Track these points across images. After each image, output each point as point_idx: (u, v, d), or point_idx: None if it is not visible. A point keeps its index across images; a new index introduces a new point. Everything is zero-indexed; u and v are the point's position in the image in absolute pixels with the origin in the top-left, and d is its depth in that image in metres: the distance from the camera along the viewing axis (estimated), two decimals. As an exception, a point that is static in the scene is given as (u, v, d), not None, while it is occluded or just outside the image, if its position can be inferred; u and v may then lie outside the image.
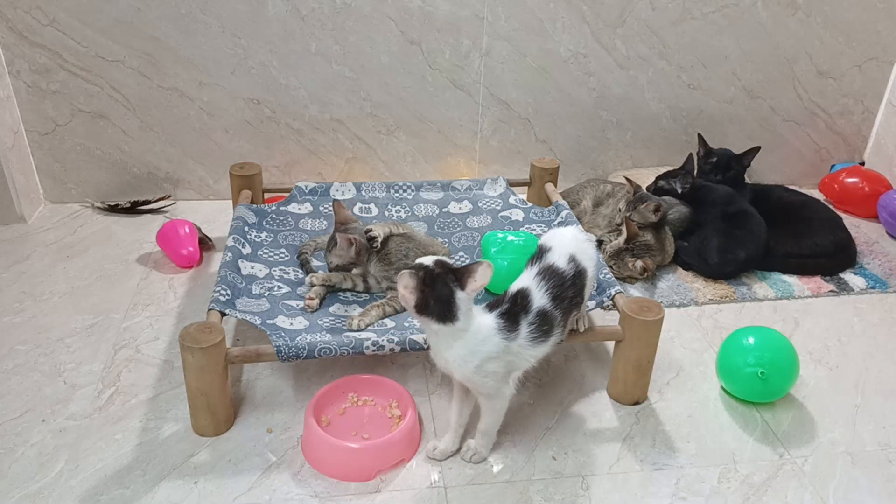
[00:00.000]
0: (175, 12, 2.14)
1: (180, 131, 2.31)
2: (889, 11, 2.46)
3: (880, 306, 2.00)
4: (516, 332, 1.32)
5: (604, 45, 2.37)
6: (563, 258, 1.39)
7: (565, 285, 1.37)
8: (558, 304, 1.36)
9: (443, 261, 1.28)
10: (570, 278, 1.38)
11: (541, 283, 1.36)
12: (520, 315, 1.33)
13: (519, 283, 1.38)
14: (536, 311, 1.34)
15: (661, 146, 2.57)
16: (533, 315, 1.33)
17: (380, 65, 2.30)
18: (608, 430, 1.52)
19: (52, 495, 1.32)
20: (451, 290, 1.25)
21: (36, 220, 2.26)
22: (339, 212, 1.79)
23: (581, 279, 1.41)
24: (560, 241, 1.42)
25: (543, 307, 1.35)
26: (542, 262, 1.39)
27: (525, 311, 1.33)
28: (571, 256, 1.40)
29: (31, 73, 2.15)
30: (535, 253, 1.42)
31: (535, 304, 1.34)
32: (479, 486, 1.38)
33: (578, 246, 1.42)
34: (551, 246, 1.41)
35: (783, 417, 1.58)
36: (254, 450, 1.43)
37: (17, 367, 1.63)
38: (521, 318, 1.33)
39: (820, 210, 2.21)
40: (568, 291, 1.38)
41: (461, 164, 2.50)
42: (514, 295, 1.35)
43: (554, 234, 1.45)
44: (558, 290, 1.36)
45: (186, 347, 1.35)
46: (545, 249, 1.41)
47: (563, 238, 1.43)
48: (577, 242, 1.43)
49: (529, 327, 1.33)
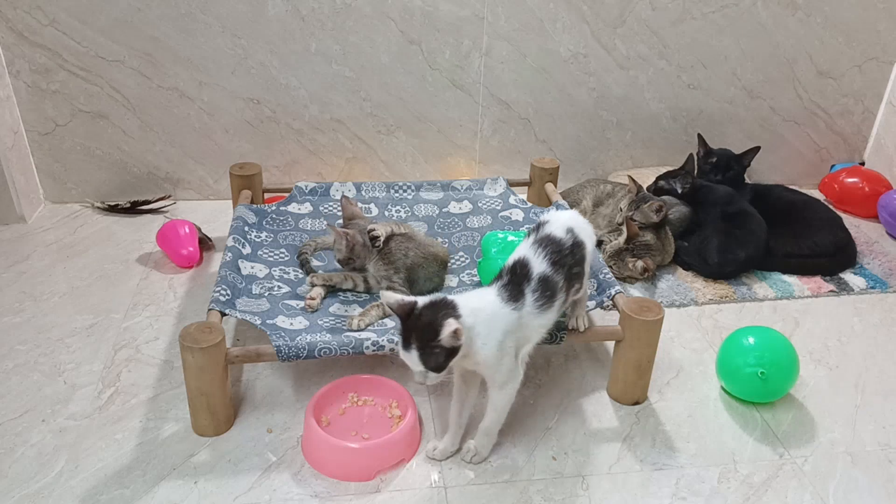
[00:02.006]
0: (175, 12, 2.14)
1: (180, 131, 2.31)
2: (889, 11, 2.46)
3: (880, 306, 2.00)
4: (522, 301, 1.33)
5: (604, 45, 2.37)
6: (560, 230, 1.41)
7: (563, 252, 1.39)
8: (558, 269, 1.37)
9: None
10: (568, 247, 1.40)
11: (538, 251, 1.38)
12: (522, 284, 1.34)
13: (515, 255, 1.39)
14: (538, 278, 1.35)
15: (661, 146, 2.57)
16: (535, 282, 1.34)
17: (380, 65, 2.30)
18: (608, 430, 1.52)
19: (52, 495, 1.32)
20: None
21: (36, 220, 2.26)
22: (347, 207, 1.80)
23: (580, 250, 1.43)
24: (557, 217, 1.45)
25: (544, 272, 1.36)
26: (538, 233, 1.41)
27: (527, 280, 1.34)
28: (569, 228, 1.42)
29: (31, 73, 2.15)
30: (532, 228, 1.44)
31: (536, 271, 1.35)
32: (479, 486, 1.38)
33: (576, 222, 1.45)
34: (549, 220, 1.44)
35: (783, 417, 1.58)
36: (254, 450, 1.43)
37: (17, 367, 1.63)
38: (525, 287, 1.34)
39: (820, 210, 2.21)
40: (567, 259, 1.39)
41: (461, 164, 2.50)
42: (512, 266, 1.37)
43: (551, 214, 1.48)
44: (557, 256, 1.38)
45: (186, 347, 1.35)
46: (542, 223, 1.44)
47: (560, 215, 1.46)
48: (574, 220, 1.46)
49: (534, 294, 1.34)
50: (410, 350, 1.25)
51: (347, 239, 1.71)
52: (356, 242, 1.72)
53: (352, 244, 1.71)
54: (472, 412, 1.45)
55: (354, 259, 1.73)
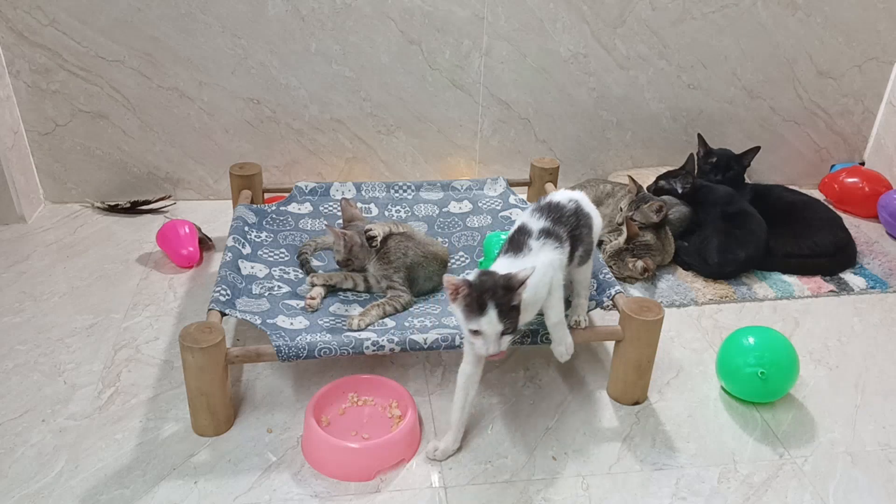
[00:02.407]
0: (175, 12, 2.14)
1: (180, 131, 2.31)
2: (889, 11, 2.46)
3: (880, 306, 2.00)
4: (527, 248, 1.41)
5: (604, 45, 2.37)
6: (563, 198, 1.51)
7: (566, 214, 1.47)
8: (559, 226, 1.45)
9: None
10: (571, 210, 1.48)
11: (538, 216, 1.46)
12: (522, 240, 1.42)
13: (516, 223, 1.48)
14: (540, 230, 1.43)
15: (661, 146, 2.57)
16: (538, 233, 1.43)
17: (380, 65, 2.30)
18: (608, 430, 1.52)
19: (52, 495, 1.32)
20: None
21: (36, 220, 2.26)
22: (346, 209, 1.80)
23: (585, 218, 1.50)
24: (560, 192, 1.55)
25: (544, 226, 1.44)
26: (539, 203, 1.51)
27: (528, 235, 1.42)
28: (571, 198, 1.51)
29: (31, 73, 2.16)
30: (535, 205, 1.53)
31: (535, 227, 1.44)
32: (479, 486, 1.38)
33: (580, 196, 1.54)
34: (549, 193, 1.55)
35: (783, 417, 1.58)
36: (254, 450, 1.43)
37: (17, 367, 1.63)
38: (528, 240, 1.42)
39: (820, 210, 2.21)
40: (570, 219, 1.46)
41: (461, 164, 2.50)
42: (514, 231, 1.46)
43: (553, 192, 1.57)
44: (557, 215, 1.46)
45: (186, 347, 1.35)
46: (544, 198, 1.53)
47: (562, 191, 1.55)
48: (578, 195, 1.54)
49: (539, 240, 1.42)
50: (487, 312, 1.27)
51: (346, 240, 1.71)
52: (354, 243, 1.72)
53: (350, 245, 1.71)
54: (472, 412, 1.45)
55: (353, 260, 1.73)
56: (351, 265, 1.75)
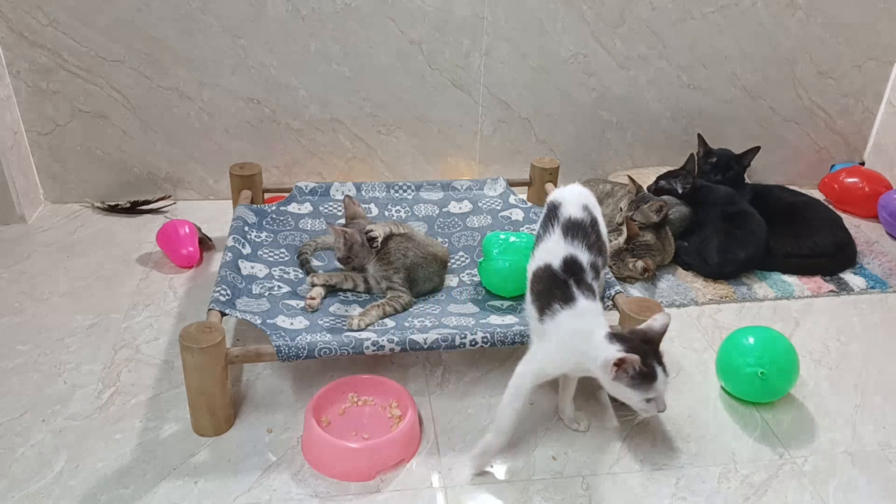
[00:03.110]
0: (175, 12, 2.14)
1: (180, 131, 2.31)
2: (889, 11, 2.46)
3: (880, 306, 2.00)
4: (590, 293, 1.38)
5: (604, 45, 2.37)
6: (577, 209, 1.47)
7: (588, 232, 1.44)
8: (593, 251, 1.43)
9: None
10: (589, 224, 1.45)
11: (572, 241, 1.42)
12: (580, 279, 1.38)
13: (555, 252, 1.41)
14: (589, 265, 1.40)
15: (662, 146, 2.57)
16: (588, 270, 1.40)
17: (380, 65, 2.30)
18: (608, 430, 1.52)
19: (52, 495, 1.32)
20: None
21: (36, 220, 2.26)
22: (349, 207, 1.80)
23: (597, 227, 1.48)
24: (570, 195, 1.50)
25: (591, 260, 1.41)
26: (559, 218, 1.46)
27: (582, 272, 1.39)
28: (584, 206, 1.48)
29: (31, 73, 2.15)
30: (548, 212, 1.49)
31: (584, 261, 1.40)
32: (479, 486, 1.38)
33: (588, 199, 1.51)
34: (561, 201, 1.48)
35: (783, 417, 1.58)
36: (254, 450, 1.43)
37: (17, 367, 1.63)
38: (584, 280, 1.38)
39: (820, 210, 2.21)
40: (591, 237, 1.44)
41: (461, 164, 2.50)
42: (566, 265, 1.39)
43: (561, 192, 1.52)
44: (585, 238, 1.43)
45: (186, 347, 1.35)
46: (557, 205, 1.48)
47: (571, 192, 1.51)
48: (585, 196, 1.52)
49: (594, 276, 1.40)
50: (658, 372, 1.27)
51: (346, 237, 1.71)
52: (354, 241, 1.72)
53: (350, 243, 1.71)
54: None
55: (353, 258, 1.73)
56: (351, 263, 1.74)
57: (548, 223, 1.47)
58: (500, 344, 1.49)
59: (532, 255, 1.47)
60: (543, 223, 1.49)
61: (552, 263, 1.40)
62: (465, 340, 1.48)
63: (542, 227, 1.49)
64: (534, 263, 1.44)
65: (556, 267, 1.39)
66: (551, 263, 1.40)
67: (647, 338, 1.29)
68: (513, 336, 1.49)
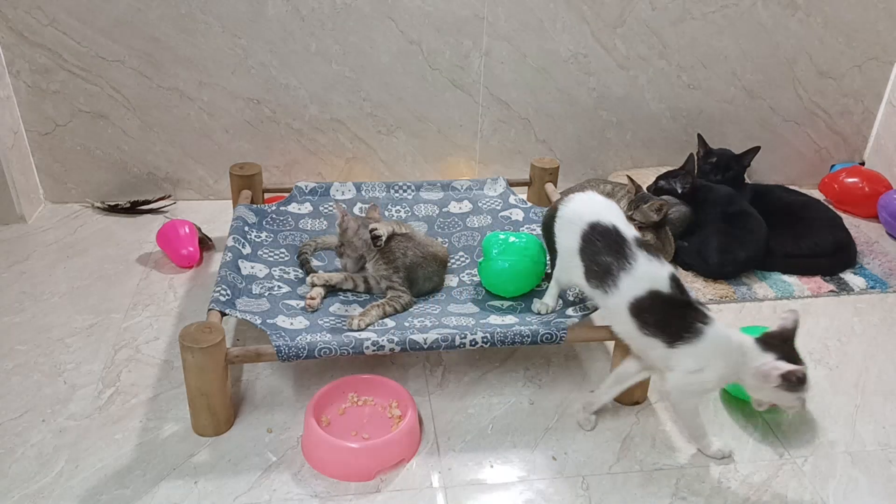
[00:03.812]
0: (175, 12, 2.14)
1: (180, 131, 2.31)
2: (889, 11, 2.46)
3: (880, 306, 2.00)
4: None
5: (604, 45, 2.37)
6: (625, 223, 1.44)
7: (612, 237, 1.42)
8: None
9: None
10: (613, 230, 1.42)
11: (657, 258, 1.39)
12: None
13: (653, 275, 1.37)
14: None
15: (661, 146, 2.57)
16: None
17: (380, 65, 2.30)
18: (608, 430, 1.52)
19: (52, 495, 1.32)
20: None
21: (36, 220, 2.26)
22: (369, 212, 1.80)
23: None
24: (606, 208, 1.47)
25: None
26: (627, 240, 1.40)
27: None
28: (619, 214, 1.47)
29: (31, 73, 2.15)
30: (604, 238, 1.42)
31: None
32: (478, 486, 1.38)
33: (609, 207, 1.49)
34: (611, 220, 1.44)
35: (783, 417, 1.58)
36: (254, 450, 1.43)
37: (17, 367, 1.63)
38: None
39: (820, 210, 2.21)
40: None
41: (461, 164, 2.50)
42: (676, 284, 1.37)
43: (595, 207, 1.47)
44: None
45: (186, 347, 1.35)
46: (611, 227, 1.42)
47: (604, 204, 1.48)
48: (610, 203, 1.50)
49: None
50: (807, 377, 1.31)
51: (342, 219, 1.72)
52: (349, 227, 1.72)
53: (344, 227, 1.72)
54: None
55: (346, 246, 1.73)
56: (343, 252, 1.74)
57: (615, 249, 1.39)
58: (500, 344, 1.49)
59: (606, 292, 1.40)
60: (608, 251, 1.40)
61: (659, 288, 1.35)
62: (465, 340, 1.48)
63: (607, 255, 1.40)
64: (621, 298, 1.38)
65: (667, 290, 1.35)
66: (657, 289, 1.35)
67: (785, 337, 1.33)
68: (513, 336, 1.49)
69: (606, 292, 1.40)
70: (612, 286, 1.39)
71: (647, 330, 1.37)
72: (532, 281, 1.73)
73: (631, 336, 1.41)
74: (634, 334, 1.39)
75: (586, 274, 1.44)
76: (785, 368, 1.27)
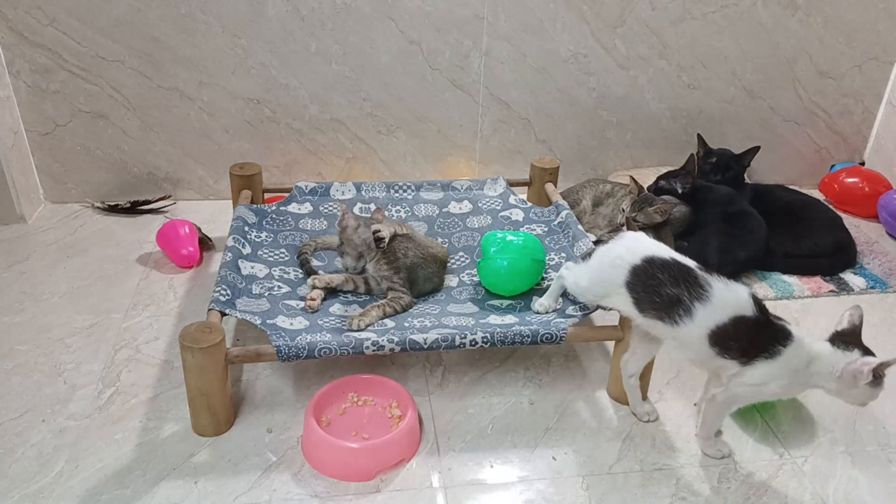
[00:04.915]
0: (175, 12, 2.14)
1: (180, 131, 2.31)
2: (889, 11, 2.46)
3: (880, 306, 2.00)
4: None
5: (604, 45, 2.37)
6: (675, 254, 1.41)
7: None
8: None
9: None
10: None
11: (727, 280, 1.35)
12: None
13: (734, 299, 1.32)
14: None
15: (661, 146, 2.57)
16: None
17: (380, 65, 2.30)
18: (608, 430, 1.52)
19: (52, 495, 1.32)
20: None
21: (36, 220, 2.26)
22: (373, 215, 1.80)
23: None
24: (657, 247, 1.43)
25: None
26: (694, 273, 1.35)
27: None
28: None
29: (31, 73, 2.16)
30: (676, 275, 1.36)
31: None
32: (478, 486, 1.38)
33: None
34: (667, 254, 1.41)
35: (783, 417, 1.58)
36: (254, 450, 1.43)
37: (17, 367, 1.63)
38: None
39: (820, 210, 2.21)
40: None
41: (461, 164, 2.50)
42: (758, 304, 1.34)
43: (649, 248, 1.42)
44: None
45: (186, 347, 1.35)
46: (676, 262, 1.38)
47: (655, 245, 1.43)
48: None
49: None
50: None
51: (343, 217, 1.73)
52: (348, 224, 1.72)
53: (344, 225, 1.72)
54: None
55: (345, 244, 1.73)
56: (344, 251, 1.74)
57: (683, 280, 1.34)
58: (499, 344, 1.49)
59: (676, 322, 1.34)
60: (674, 283, 1.34)
61: (743, 313, 1.31)
62: (465, 340, 1.48)
63: (672, 287, 1.34)
64: (696, 328, 1.32)
65: (751, 314, 1.32)
66: (741, 314, 1.31)
67: (856, 334, 1.34)
68: (513, 336, 1.49)
69: (676, 323, 1.34)
70: (682, 317, 1.33)
71: (727, 355, 1.33)
72: (531, 279, 1.73)
73: (702, 360, 1.37)
74: (708, 359, 1.35)
75: (638, 305, 1.39)
76: (875, 362, 1.26)
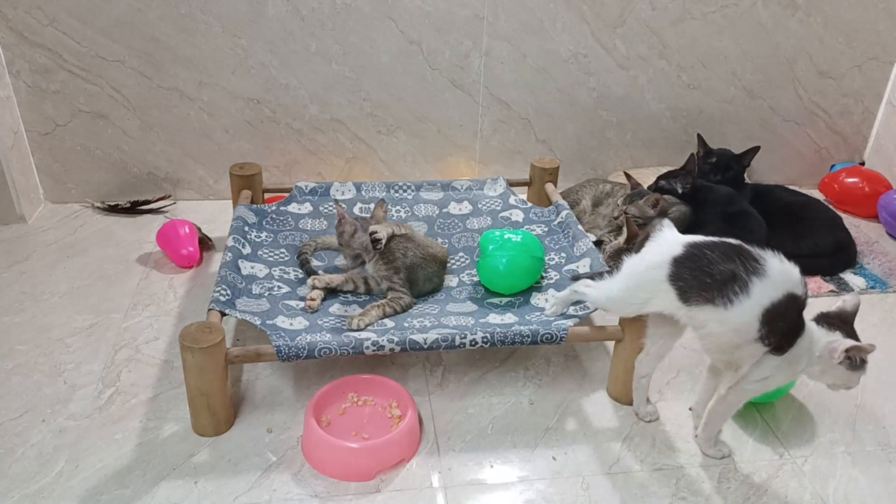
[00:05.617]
0: (175, 12, 2.14)
1: (180, 131, 2.31)
2: (889, 11, 2.46)
3: (880, 306, 2.00)
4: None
5: (604, 45, 2.37)
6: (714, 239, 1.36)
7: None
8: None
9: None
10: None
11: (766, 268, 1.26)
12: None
13: (786, 278, 1.25)
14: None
15: (661, 146, 2.57)
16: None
17: (380, 65, 2.30)
18: (608, 430, 1.52)
19: (52, 495, 1.32)
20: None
21: (36, 220, 2.26)
22: (376, 210, 1.80)
23: None
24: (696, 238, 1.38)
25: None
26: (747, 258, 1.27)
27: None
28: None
29: (31, 73, 2.15)
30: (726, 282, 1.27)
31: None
32: (478, 486, 1.38)
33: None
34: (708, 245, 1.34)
35: (783, 417, 1.58)
36: (254, 450, 1.43)
37: (17, 367, 1.63)
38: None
39: (820, 210, 2.21)
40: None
41: (461, 164, 2.50)
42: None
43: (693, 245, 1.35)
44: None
45: (186, 347, 1.35)
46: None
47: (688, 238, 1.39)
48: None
49: None
50: None
51: (340, 219, 1.74)
52: (344, 230, 1.73)
53: (341, 230, 1.74)
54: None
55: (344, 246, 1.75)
56: (343, 251, 1.75)
57: (735, 253, 1.27)
58: (499, 344, 1.49)
59: (731, 302, 1.24)
60: (726, 258, 1.27)
61: (794, 291, 1.25)
62: (465, 340, 1.48)
63: (726, 263, 1.26)
64: (751, 306, 1.23)
65: (801, 293, 1.26)
66: (793, 292, 1.25)
67: (844, 318, 1.33)
68: (513, 336, 1.49)
69: (731, 302, 1.24)
70: (738, 294, 1.23)
71: (769, 340, 1.26)
72: (530, 277, 1.73)
73: (732, 347, 1.29)
74: (743, 344, 1.27)
75: (682, 295, 1.30)
76: (849, 343, 1.26)
